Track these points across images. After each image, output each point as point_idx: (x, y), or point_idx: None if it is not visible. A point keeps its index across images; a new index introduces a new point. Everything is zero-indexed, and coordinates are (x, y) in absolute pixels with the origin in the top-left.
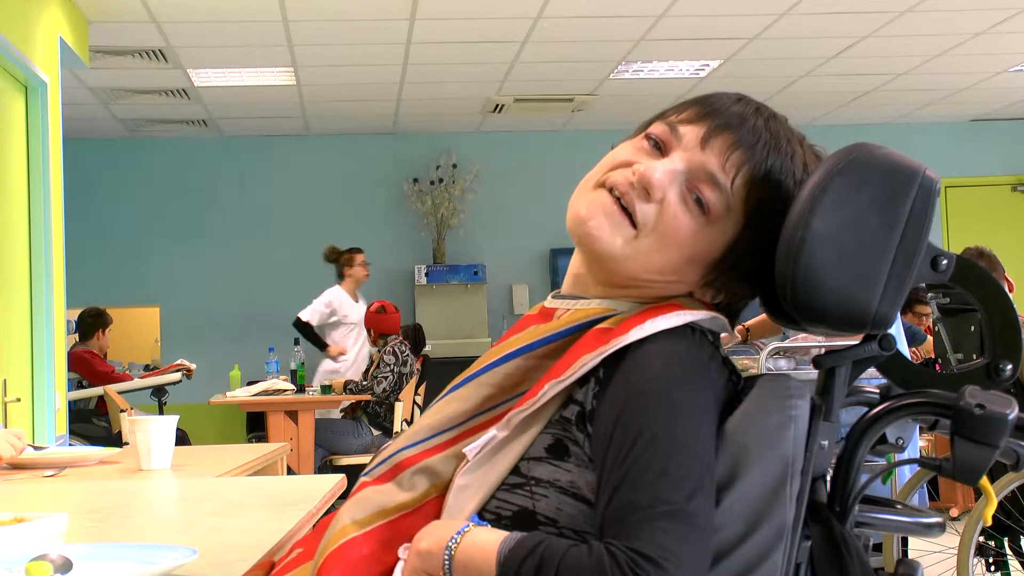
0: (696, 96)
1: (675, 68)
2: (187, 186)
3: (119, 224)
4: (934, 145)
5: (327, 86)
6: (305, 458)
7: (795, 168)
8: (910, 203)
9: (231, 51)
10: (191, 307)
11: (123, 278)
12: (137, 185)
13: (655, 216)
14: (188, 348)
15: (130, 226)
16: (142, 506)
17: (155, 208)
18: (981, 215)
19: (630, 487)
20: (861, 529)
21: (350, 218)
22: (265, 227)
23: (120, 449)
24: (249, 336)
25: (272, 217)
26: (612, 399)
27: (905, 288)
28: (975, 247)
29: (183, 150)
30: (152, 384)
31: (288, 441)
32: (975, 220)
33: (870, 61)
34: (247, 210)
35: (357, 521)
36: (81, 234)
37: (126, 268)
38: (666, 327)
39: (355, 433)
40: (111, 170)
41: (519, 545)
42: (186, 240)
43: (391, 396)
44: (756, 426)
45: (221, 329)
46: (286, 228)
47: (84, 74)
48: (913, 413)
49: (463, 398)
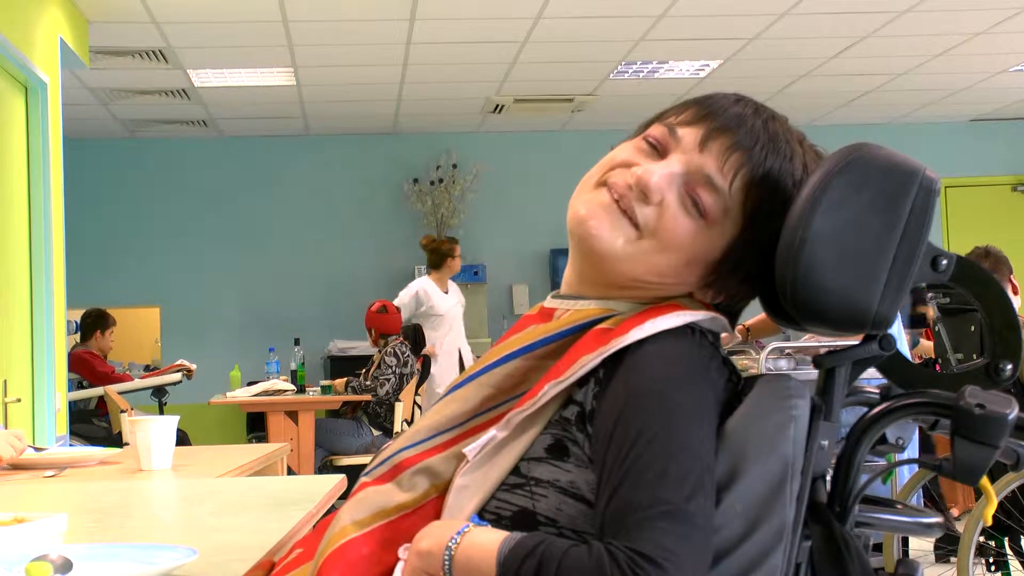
0: (695, 97)
1: (675, 68)
2: (187, 186)
3: (119, 224)
4: (934, 145)
5: (327, 86)
6: (305, 458)
7: (794, 169)
8: (910, 203)
9: (231, 51)
10: (191, 307)
11: (123, 278)
12: (137, 185)
13: (655, 219)
14: (188, 348)
15: (130, 226)
16: (142, 506)
17: (155, 208)
18: (981, 215)
19: (630, 487)
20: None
21: (350, 218)
22: (265, 227)
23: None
24: (249, 336)
25: (272, 217)
26: (612, 399)
27: (905, 288)
28: (983, 247)
29: (183, 150)
30: (152, 384)
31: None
32: (975, 220)
33: (870, 61)
34: (247, 210)
35: (357, 521)
36: (81, 235)
37: (126, 268)
38: (666, 327)
39: (355, 433)
40: (111, 170)
41: (519, 545)
42: (186, 240)
43: (392, 397)
44: (756, 426)
45: (221, 329)
46: (286, 228)
47: (84, 74)
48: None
49: (463, 399)
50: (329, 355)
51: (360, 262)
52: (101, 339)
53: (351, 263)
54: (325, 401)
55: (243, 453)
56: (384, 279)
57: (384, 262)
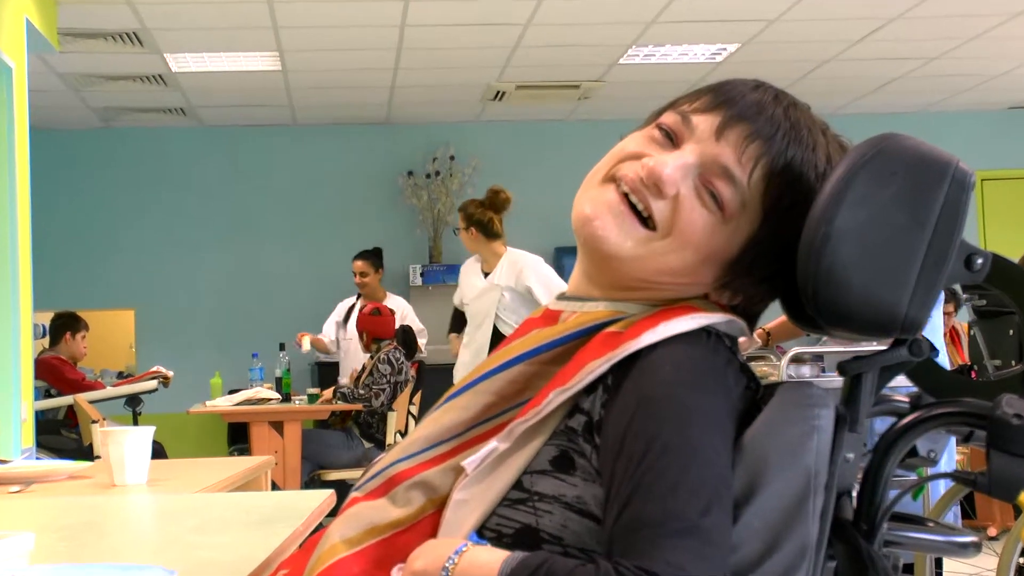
0: (711, 83)
1: (689, 52)
2: (164, 179)
3: (91, 220)
4: (968, 135)
5: (315, 72)
6: (291, 472)
7: (817, 160)
8: (941, 198)
9: (211, 34)
10: (169, 309)
11: (95, 278)
12: (110, 178)
13: (670, 214)
14: (165, 354)
15: (102, 223)
16: (116, 524)
17: (129, 203)
18: (1020, 210)
19: (640, 501)
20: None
21: (340, 214)
22: (248, 224)
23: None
24: (231, 341)
25: (256, 213)
26: (622, 407)
27: (936, 289)
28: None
29: (159, 141)
30: (126, 393)
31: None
32: (1013, 216)
33: (899, 45)
34: (229, 206)
35: (348, 539)
36: (50, 232)
37: (98, 268)
38: (680, 331)
39: (345, 445)
40: (82, 162)
41: (522, 565)
42: (163, 238)
43: (386, 407)
44: (776, 437)
45: (201, 333)
46: (271, 225)
47: (53, 59)
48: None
49: (462, 407)
50: (316, 361)
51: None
52: (71, 344)
53: (341, 262)
54: (313, 411)
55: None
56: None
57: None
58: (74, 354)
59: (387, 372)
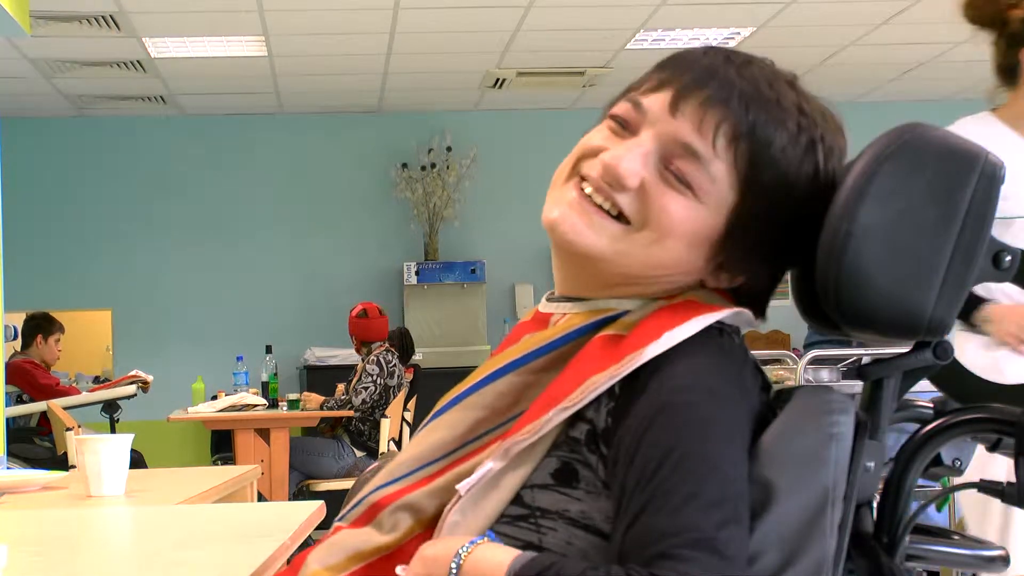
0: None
1: (701, 37)
2: (143, 172)
3: (64, 215)
4: None
5: (303, 58)
6: (278, 483)
7: (786, 115)
8: (970, 192)
9: (193, 17)
10: (148, 310)
11: (69, 277)
12: (85, 170)
13: (640, 205)
14: (144, 357)
15: (77, 217)
16: (92, 538)
17: (106, 197)
18: None
19: (653, 512)
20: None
21: (329, 209)
22: (232, 219)
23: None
24: (214, 343)
25: (240, 207)
26: (634, 415)
27: (965, 288)
28: None
29: (138, 130)
30: (103, 399)
31: (259, 463)
32: None
33: (926, 28)
34: (211, 199)
35: (330, 567)
36: (21, 227)
37: (72, 266)
38: (687, 336)
39: (335, 454)
40: (55, 153)
41: (534, 562)
42: (142, 233)
43: (375, 411)
44: (793, 445)
45: (182, 335)
46: (256, 220)
47: (23, 43)
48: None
49: (448, 425)
50: (306, 364)
51: (341, 259)
52: (44, 346)
53: (331, 260)
54: (300, 417)
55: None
56: (367, 277)
57: (368, 259)
58: (46, 357)
59: (374, 372)
